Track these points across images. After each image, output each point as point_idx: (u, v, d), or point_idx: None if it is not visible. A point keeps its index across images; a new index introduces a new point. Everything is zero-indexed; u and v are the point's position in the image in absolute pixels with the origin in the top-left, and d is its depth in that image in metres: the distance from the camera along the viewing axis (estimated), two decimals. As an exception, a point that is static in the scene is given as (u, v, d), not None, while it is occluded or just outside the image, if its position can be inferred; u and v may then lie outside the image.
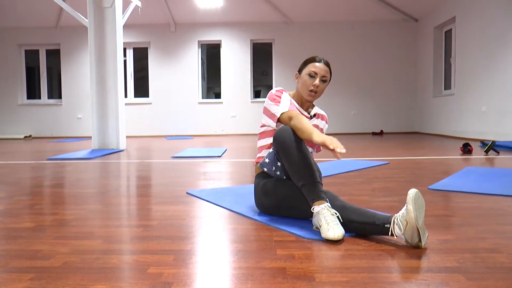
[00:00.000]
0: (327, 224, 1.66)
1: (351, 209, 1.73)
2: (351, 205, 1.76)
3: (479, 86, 7.47)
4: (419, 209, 1.54)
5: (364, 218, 1.67)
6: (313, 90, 2.04)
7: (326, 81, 2.06)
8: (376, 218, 1.64)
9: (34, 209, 2.35)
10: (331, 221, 1.67)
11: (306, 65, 2.08)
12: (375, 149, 6.05)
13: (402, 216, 1.54)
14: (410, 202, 1.51)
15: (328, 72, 2.06)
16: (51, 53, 11.16)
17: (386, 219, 1.61)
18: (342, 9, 10.06)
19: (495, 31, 6.99)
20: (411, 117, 10.70)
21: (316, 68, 2.03)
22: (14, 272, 1.37)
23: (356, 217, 1.69)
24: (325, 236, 1.64)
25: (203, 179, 3.42)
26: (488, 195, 2.54)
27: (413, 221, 1.50)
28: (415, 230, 1.51)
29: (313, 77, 2.04)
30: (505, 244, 1.59)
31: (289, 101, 2.06)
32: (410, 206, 1.50)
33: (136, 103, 10.90)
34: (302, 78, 2.08)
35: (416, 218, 1.49)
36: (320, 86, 2.04)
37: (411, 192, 1.53)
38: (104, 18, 6.56)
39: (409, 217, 1.51)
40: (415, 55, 10.59)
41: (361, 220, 1.67)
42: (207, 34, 10.85)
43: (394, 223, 1.57)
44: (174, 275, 1.33)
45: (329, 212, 1.71)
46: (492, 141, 5.06)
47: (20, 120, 10.99)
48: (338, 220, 1.70)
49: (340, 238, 1.63)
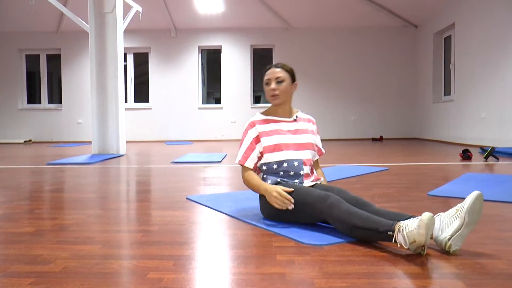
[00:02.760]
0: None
1: (356, 215, 1.70)
2: (356, 210, 1.73)
3: (479, 92, 7.49)
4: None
5: (368, 224, 1.65)
6: (273, 94, 2.14)
7: (283, 80, 2.15)
8: (380, 225, 1.62)
9: (34, 213, 2.34)
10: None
11: (263, 78, 2.22)
12: (375, 155, 6.05)
13: (410, 232, 1.51)
14: (423, 227, 1.47)
15: (282, 71, 2.16)
16: (52, 58, 11.18)
17: (389, 226, 1.59)
18: (342, 15, 10.10)
19: (494, 37, 7.01)
20: (410, 123, 10.71)
21: (267, 76, 2.18)
22: (14, 276, 1.37)
23: (360, 223, 1.67)
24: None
25: (203, 184, 3.42)
26: (488, 201, 2.54)
27: (422, 243, 1.49)
28: (421, 247, 1.52)
29: (268, 84, 2.16)
30: (504, 251, 1.60)
31: (248, 143, 2.15)
32: (422, 231, 1.47)
33: (136, 108, 10.91)
34: (264, 89, 2.20)
35: (426, 241, 1.49)
36: (278, 87, 2.13)
37: (425, 217, 1.49)
38: (105, 23, 6.58)
39: (419, 238, 1.48)
40: (415, 61, 10.61)
41: (365, 226, 1.65)
42: (207, 40, 10.88)
43: (399, 232, 1.55)
44: (173, 280, 1.33)
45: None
46: (492, 147, 5.06)
47: (20, 125, 11.00)
48: None
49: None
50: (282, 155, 2.10)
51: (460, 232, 1.55)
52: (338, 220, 1.73)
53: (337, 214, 1.74)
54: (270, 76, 2.16)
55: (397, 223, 1.58)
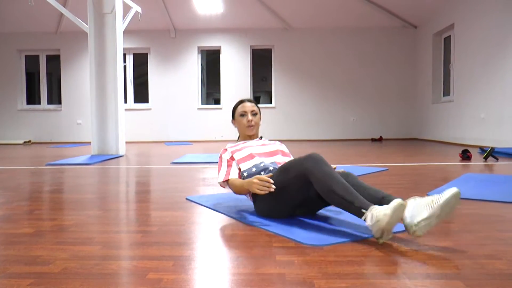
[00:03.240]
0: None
1: (338, 181, 1.78)
2: (339, 177, 1.80)
3: (478, 93, 7.49)
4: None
5: (346, 194, 1.74)
6: (250, 125, 2.42)
7: (257, 113, 2.46)
8: (358, 200, 1.72)
9: (33, 214, 2.34)
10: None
11: (236, 109, 2.48)
12: (374, 155, 6.05)
13: (378, 212, 1.61)
14: (390, 210, 1.58)
15: (255, 106, 2.47)
16: (51, 59, 11.18)
17: (365, 205, 1.69)
18: (341, 15, 10.11)
19: (493, 37, 7.02)
20: (410, 124, 10.72)
21: (243, 108, 2.45)
22: (13, 277, 1.37)
23: (339, 190, 1.76)
24: None
25: (202, 185, 3.42)
26: (487, 201, 2.54)
27: (384, 224, 1.59)
28: (380, 230, 1.62)
29: (244, 115, 2.44)
30: (504, 251, 1.60)
31: (225, 163, 2.35)
32: (388, 212, 1.58)
33: (136, 109, 10.91)
34: (237, 120, 2.47)
35: (388, 223, 1.59)
36: (253, 119, 2.43)
37: (395, 202, 1.60)
38: (104, 23, 6.58)
39: (383, 218, 1.59)
40: (414, 62, 10.62)
41: (343, 195, 1.74)
42: (207, 40, 10.89)
43: (370, 212, 1.65)
44: (173, 281, 1.33)
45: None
46: (491, 147, 5.06)
47: (20, 125, 10.99)
48: None
49: None
50: (256, 160, 2.28)
51: (429, 222, 1.62)
52: (319, 179, 1.82)
53: (319, 173, 1.83)
54: (246, 109, 2.43)
55: (373, 206, 1.67)
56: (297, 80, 10.81)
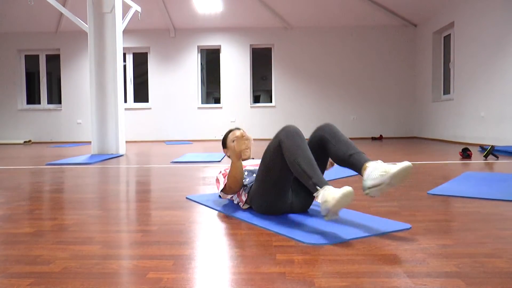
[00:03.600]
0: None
1: (304, 155, 1.88)
2: (307, 152, 1.90)
3: (478, 91, 7.49)
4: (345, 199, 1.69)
5: (308, 169, 1.84)
6: (245, 148, 2.53)
7: (248, 139, 2.54)
8: (316, 176, 1.82)
9: (34, 214, 2.34)
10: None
11: (227, 137, 2.61)
12: (375, 154, 6.05)
13: (329, 193, 1.71)
14: (339, 194, 1.67)
15: (241, 131, 2.61)
16: (51, 58, 11.18)
17: (321, 183, 1.79)
18: (341, 14, 10.10)
19: (493, 36, 7.01)
20: (410, 122, 10.72)
21: (234, 134, 2.58)
22: (14, 277, 1.37)
23: (303, 164, 1.86)
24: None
25: (202, 184, 3.42)
26: (488, 200, 2.55)
27: (330, 206, 1.69)
28: (326, 210, 1.72)
29: None
30: (504, 249, 1.60)
31: (222, 178, 2.41)
32: (336, 195, 1.67)
33: (136, 108, 10.91)
34: (229, 147, 2.57)
35: (334, 206, 1.68)
36: (246, 144, 2.54)
37: (345, 189, 1.69)
38: (104, 23, 6.58)
39: (330, 200, 1.68)
40: (414, 60, 10.62)
41: (304, 169, 1.85)
42: (206, 39, 10.88)
43: (323, 190, 1.75)
44: (173, 280, 1.33)
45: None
46: (491, 146, 5.06)
47: (20, 125, 10.99)
48: None
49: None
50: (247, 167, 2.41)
51: (380, 188, 1.77)
52: (288, 148, 1.92)
53: (289, 142, 1.93)
54: (237, 135, 2.54)
55: (327, 186, 1.76)
56: (297, 79, 10.81)
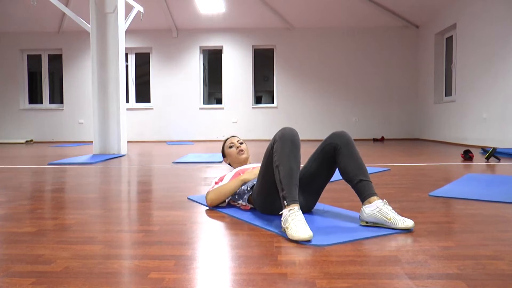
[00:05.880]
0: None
1: (288, 164, 1.91)
2: (293, 162, 1.92)
3: (480, 93, 7.48)
4: None
5: (285, 179, 1.87)
6: (240, 150, 2.65)
7: (242, 143, 2.71)
8: (289, 191, 1.84)
9: (35, 213, 2.35)
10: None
11: (224, 145, 2.73)
12: (376, 155, 6.05)
13: (290, 223, 1.74)
14: (299, 236, 1.69)
15: (236, 137, 2.74)
16: (53, 58, 11.20)
17: (290, 200, 1.82)
18: (343, 15, 10.10)
19: (496, 37, 7.01)
20: (412, 124, 10.71)
21: (231, 140, 2.71)
22: (16, 276, 1.37)
23: (282, 172, 1.89)
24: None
25: (204, 184, 3.42)
26: (489, 202, 2.54)
27: (288, 232, 1.75)
28: (284, 231, 1.79)
29: (233, 146, 2.68)
30: (506, 251, 1.59)
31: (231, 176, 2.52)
32: (295, 235, 1.70)
33: (138, 108, 10.92)
34: (227, 153, 2.70)
35: (290, 236, 1.72)
36: (241, 146, 2.67)
37: (306, 235, 1.70)
38: (106, 23, 6.59)
39: (288, 232, 1.74)
40: (416, 62, 10.61)
41: (281, 178, 1.89)
42: (208, 40, 10.89)
43: (288, 212, 1.78)
44: (175, 280, 1.33)
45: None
46: (493, 148, 5.05)
47: (22, 125, 11.02)
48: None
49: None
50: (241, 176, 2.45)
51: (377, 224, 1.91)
52: (276, 151, 1.97)
53: (280, 145, 1.97)
54: (233, 141, 2.70)
55: (297, 205, 1.81)
56: (299, 80, 10.81)
